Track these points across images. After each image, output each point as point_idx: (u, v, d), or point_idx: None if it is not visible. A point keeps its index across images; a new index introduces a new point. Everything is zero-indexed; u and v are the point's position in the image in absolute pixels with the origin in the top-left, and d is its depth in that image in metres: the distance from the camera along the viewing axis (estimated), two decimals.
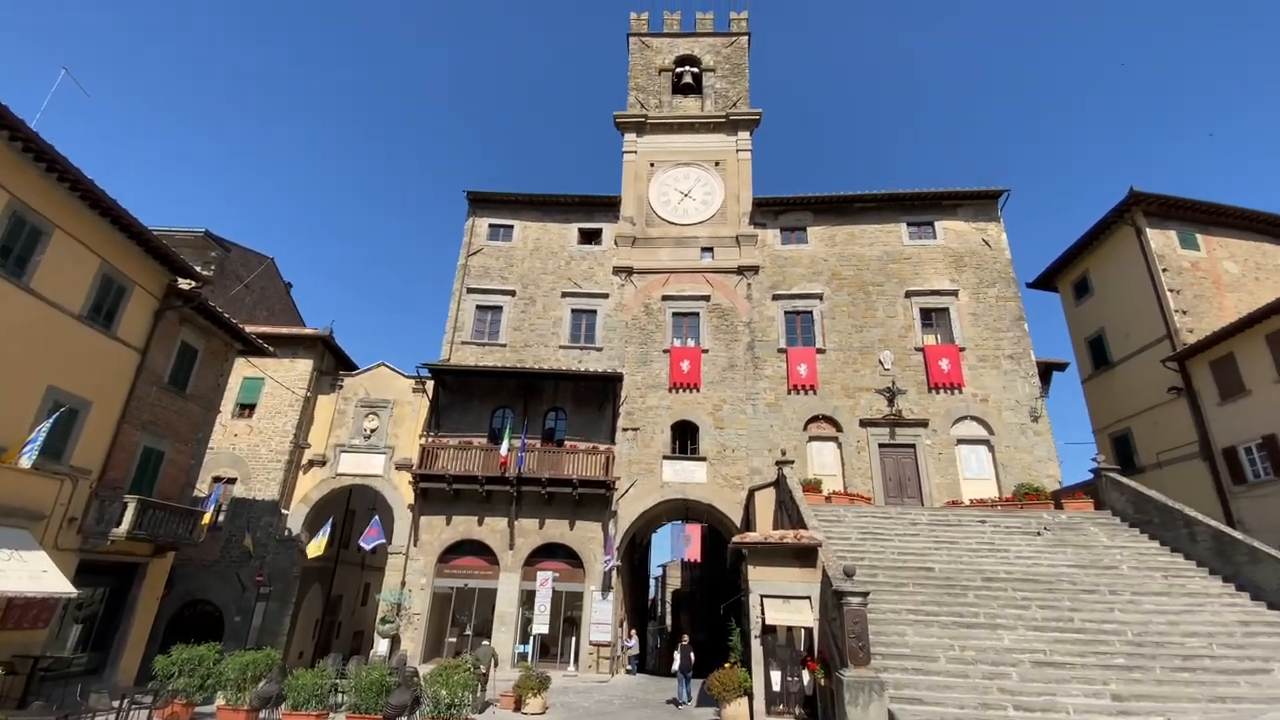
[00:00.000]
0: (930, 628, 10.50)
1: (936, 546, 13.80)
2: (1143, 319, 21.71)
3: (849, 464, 19.64)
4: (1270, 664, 9.34)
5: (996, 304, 20.90)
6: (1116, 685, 8.90)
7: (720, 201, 23.47)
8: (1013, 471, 18.70)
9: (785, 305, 21.85)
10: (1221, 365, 19.06)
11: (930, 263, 21.77)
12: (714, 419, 20.38)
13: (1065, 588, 11.72)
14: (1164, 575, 12.18)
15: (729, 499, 19.31)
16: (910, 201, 22.58)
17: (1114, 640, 10.09)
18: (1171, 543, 13.33)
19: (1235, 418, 18.65)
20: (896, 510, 16.49)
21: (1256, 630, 10.30)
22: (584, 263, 23.09)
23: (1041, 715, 8.30)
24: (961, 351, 20.28)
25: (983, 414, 19.55)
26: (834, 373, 20.71)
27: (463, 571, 19.06)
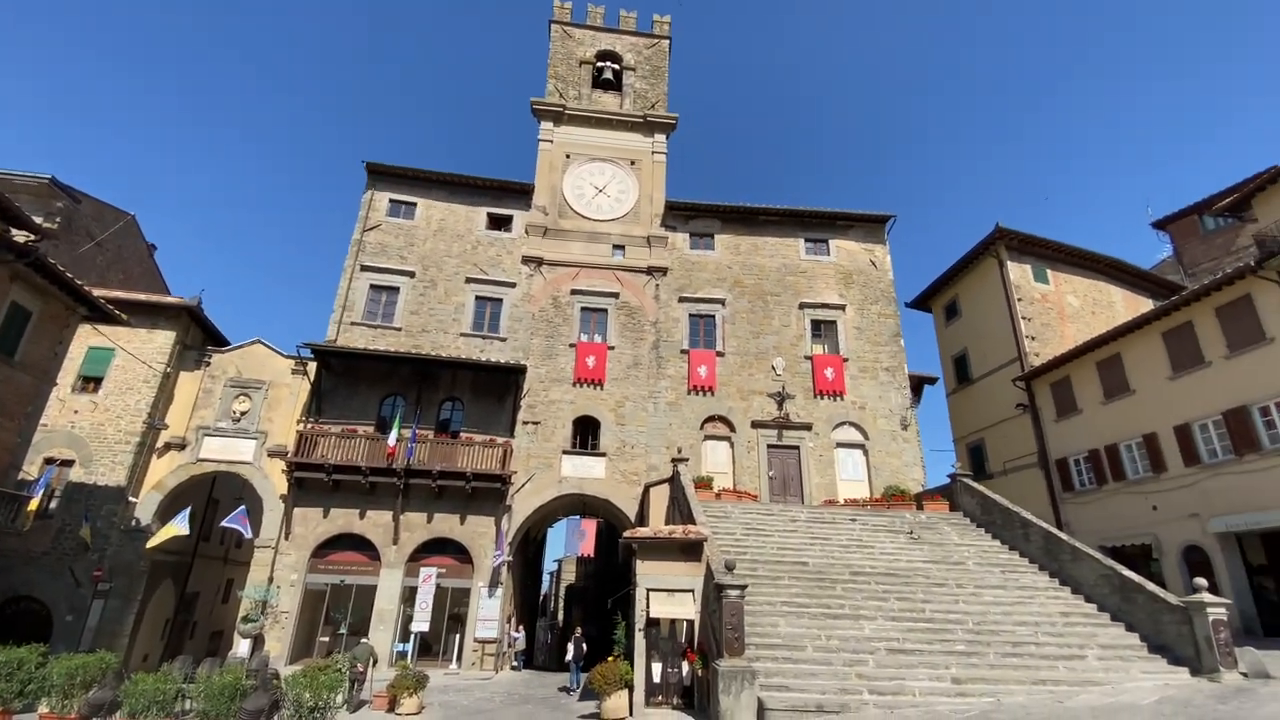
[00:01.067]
0: (801, 619, 11.19)
1: (812, 542, 14.73)
2: (999, 342, 24.38)
3: (739, 463, 20.50)
4: (1085, 650, 10.70)
5: (878, 320, 22.62)
6: (956, 669, 9.90)
7: (634, 201, 23.66)
8: (883, 474, 20.32)
9: (690, 308, 22.42)
10: (1059, 387, 21.79)
11: (823, 278, 23.17)
12: (616, 415, 20.53)
13: (920, 581, 12.90)
14: (1002, 571, 13.72)
15: (626, 495, 19.54)
16: (809, 219, 23.90)
17: (957, 629, 11.21)
18: (1010, 541, 15.04)
19: (1068, 433, 21.39)
20: (779, 508, 17.44)
21: (1075, 620, 11.80)
22: (491, 249, 22.45)
23: (892, 698, 9.08)
24: (845, 362, 21.76)
25: (860, 420, 21.10)
26: (731, 375, 21.52)
27: (340, 567, 17.94)
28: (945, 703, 9.01)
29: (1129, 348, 19.24)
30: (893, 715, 8.51)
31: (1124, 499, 18.91)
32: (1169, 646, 10.60)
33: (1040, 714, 8.25)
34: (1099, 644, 10.85)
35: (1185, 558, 17.00)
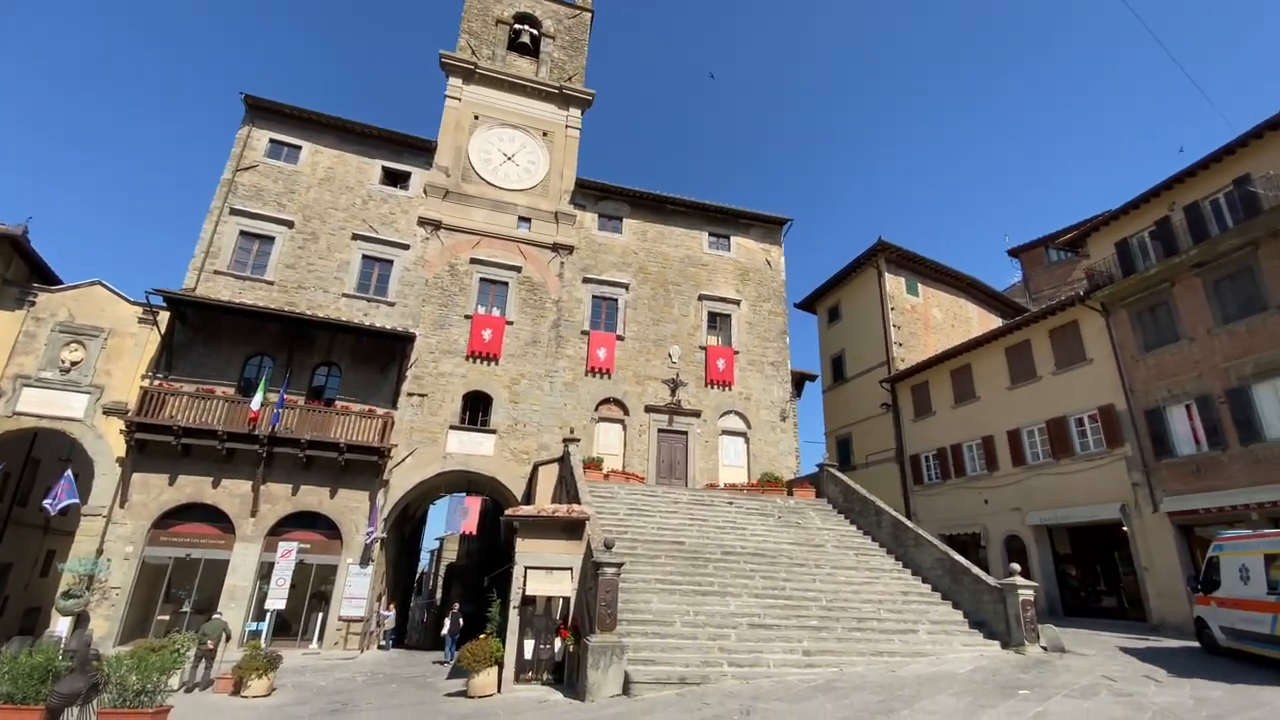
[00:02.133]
0: (673, 595, 11.65)
1: (691, 523, 15.36)
2: (872, 346, 26.52)
3: (630, 446, 20.88)
4: (918, 626, 11.98)
5: (769, 317, 23.81)
6: (808, 643, 10.76)
7: (544, 173, 23.11)
8: (761, 461, 21.53)
9: (594, 290, 22.36)
10: (919, 390, 24.08)
11: (722, 272, 23.98)
12: (510, 392, 20.13)
13: (784, 561, 13.85)
14: (856, 553, 15.03)
15: (514, 473, 19.27)
16: (714, 214, 24.57)
17: (812, 606, 12.17)
18: (865, 527, 16.51)
19: (922, 432, 23.72)
20: (663, 490, 17.99)
21: (912, 599, 13.18)
22: (385, 206, 21.05)
23: (749, 670, 9.71)
24: (736, 354, 22.74)
25: (745, 410, 22.18)
26: (629, 360, 21.78)
27: (187, 539, 16.29)
28: (796, 673, 9.77)
29: (978, 359, 21.62)
30: (748, 685, 9.12)
31: (963, 493, 21.35)
32: (987, 622, 12.14)
33: (875, 682, 9.18)
34: (930, 620, 12.21)
35: (1007, 546, 19.53)
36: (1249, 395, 13.88)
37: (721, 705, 7.95)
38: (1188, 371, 15.17)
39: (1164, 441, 15.56)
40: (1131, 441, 16.29)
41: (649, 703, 8.39)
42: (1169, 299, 15.86)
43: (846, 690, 8.61)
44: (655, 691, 8.86)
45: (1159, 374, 15.84)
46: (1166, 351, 15.73)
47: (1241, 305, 14.30)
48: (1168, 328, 15.84)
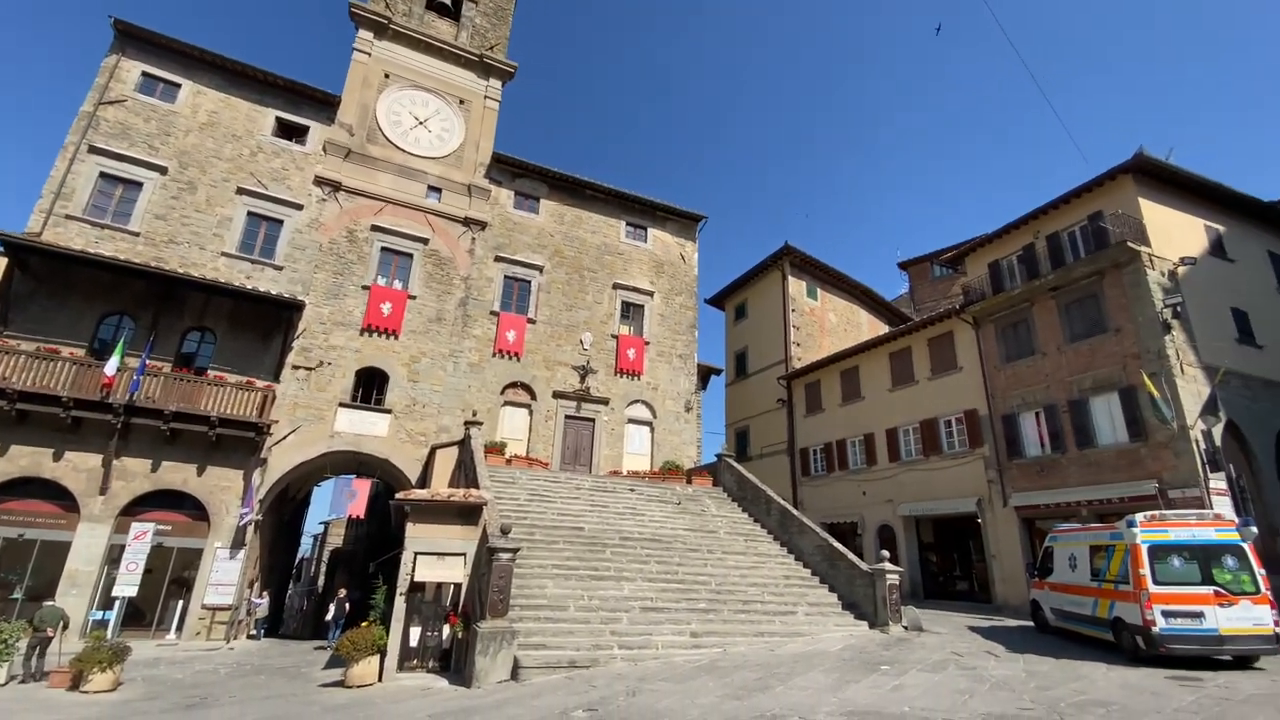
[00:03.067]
0: (569, 581, 11.70)
1: (592, 509, 15.46)
2: (772, 344, 27.81)
3: (536, 431, 20.64)
4: (796, 608, 12.76)
5: (680, 310, 24.30)
6: (696, 624, 11.19)
7: (459, 144, 22.14)
8: (664, 450, 22.04)
9: (507, 269, 21.78)
10: (812, 388, 25.55)
11: (638, 263, 24.16)
12: (409, 371, 19.23)
13: (679, 547, 14.28)
14: (745, 539, 15.77)
15: (409, 455, 18.48)
16: (633, 204, 24.64)
17: (702, 589, 12.64)
18: (756, 515, 17.34)
19: (813, 427, 25.20)
20: (566, 476, 17.97)
21: (794, 583, 14.02)
22: (277, 160, 19.33)
23: (638, 651, 9.96)
24: (647, 345, 23.04)
25: (652, 400, 22.57)
26: (540, 344, 21.47)
27: (19, 517, 14.29)
28: (683, 654, 10.14)
29: (866, 362, 23.26)
30: (636, 666, 9.35)
31: (844, 485, 22.97)
32: (858, 604, 13.13)
33: (756, 661, 9.71)
34: (808, 602, 13.06)
35: (880, 534, 21.25)
36: (1087, 406, 15.90)
37: (609, 687, 8.10)
38: (1039, 383, 17.12)
39: (1016, 444, 17.50)
40: (990, 443, 18.19)
41: (537, 687, 8.40)
42: (1029, 317, 17.79)
43: (729, 669, 9.05)
44: (544, 676, 8.89)
45: (1016, 383, 17.76)
46: (1023, 364, 17.66)
47: (1087, 327, 16.31)
48: (1026, 342, 17.77)
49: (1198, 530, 9.56)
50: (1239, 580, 9.01)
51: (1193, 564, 9.24)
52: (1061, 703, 6.78)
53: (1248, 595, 8.85)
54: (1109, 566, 10.18)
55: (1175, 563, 9.30)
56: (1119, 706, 6.59)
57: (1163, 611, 8.93)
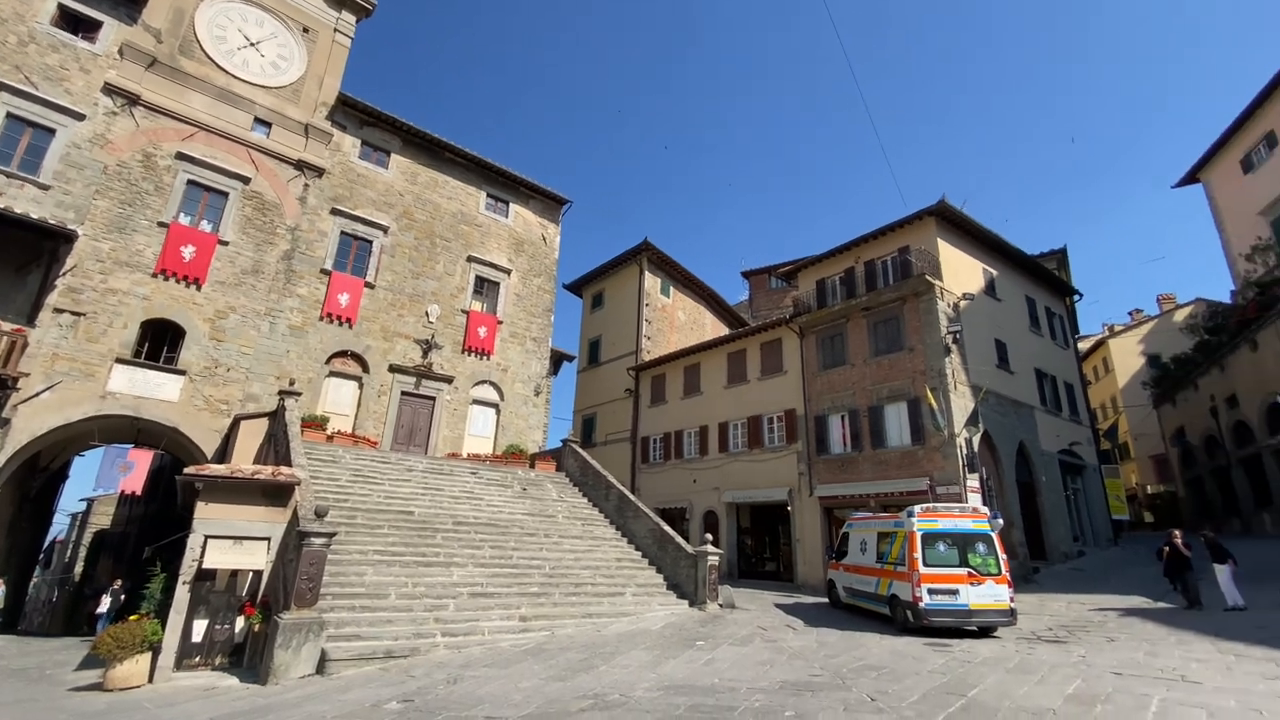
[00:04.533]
0: (393, 567, 10.99)
1: (424, 493, 14.66)
2: (625, 336, 28.48)
3: (366, 406, 19.04)
4: (625, 589, 13.21)
5: (537, 292, 23.85)
6: (526, 609, 11.12)
7: (298, 75, 19.56)
8: (509, 433, 21.56)
9: (345, 225, 19.72)
10: (657, 380, 26.58)
11: (496, 237, 23.26)
12: (213, 327, 16.66)
13: (516, 531, 14.09)
14: (583, 524, 16.00)
15: (206, 425, 16.05)
16: (496, 175, 23.62)
17: (536, 573, 12.61)
18: (595, 500, 17.66)
19: (655, 418, 26.24)
20: (397, 456, 16.84)
21: (625, 565, 14.50)
22: (56, 55, 15.61)
23: (463, 639, 9.65)
24: (500, 324, 22.30)
25: (500, 381, 21.92)
26: (378, 312, 19.80)
27: None
28: (510, 638, 10.02)
29: (707, 360, 24.72)
30: (460, 654, 9.06)
31: (678, 472, 24.27)
32: (681, 585, 13.94)
33: (582, 642, 9.89)
34: (637, 584, 13.61)
35: (705, 519, 22.77)
36: (882, 413, 18.35)
37: (428, 676, 7.76)
38: (847, 389, 19.43)
39: (824, 442, 19.72)
40: (803, 440, 20.29)
41: (345, 680, 7.79)
42: (844, 331, 20.08)
43: (555, 651, 9.12)
44: (356, 668, 8.26)
45: (828, 389, 19.98)
46: (836, 372, 19.92)
47: (889, 344, 18.79)
48: (840, 353, 20.04)
49: (959, 521, 11.50)
50: (987, 563, 11.00)
51: (954, 549, 11.11)
52: (844, 669, 7.78)
53: (992, 576, 10.85)
54: (891, 550, 11.88)
55: (941, 548, 11.11)
56: (888, 669, 7.73)
57: (928, 589, 10.64)
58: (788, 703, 6.14)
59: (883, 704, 6.06)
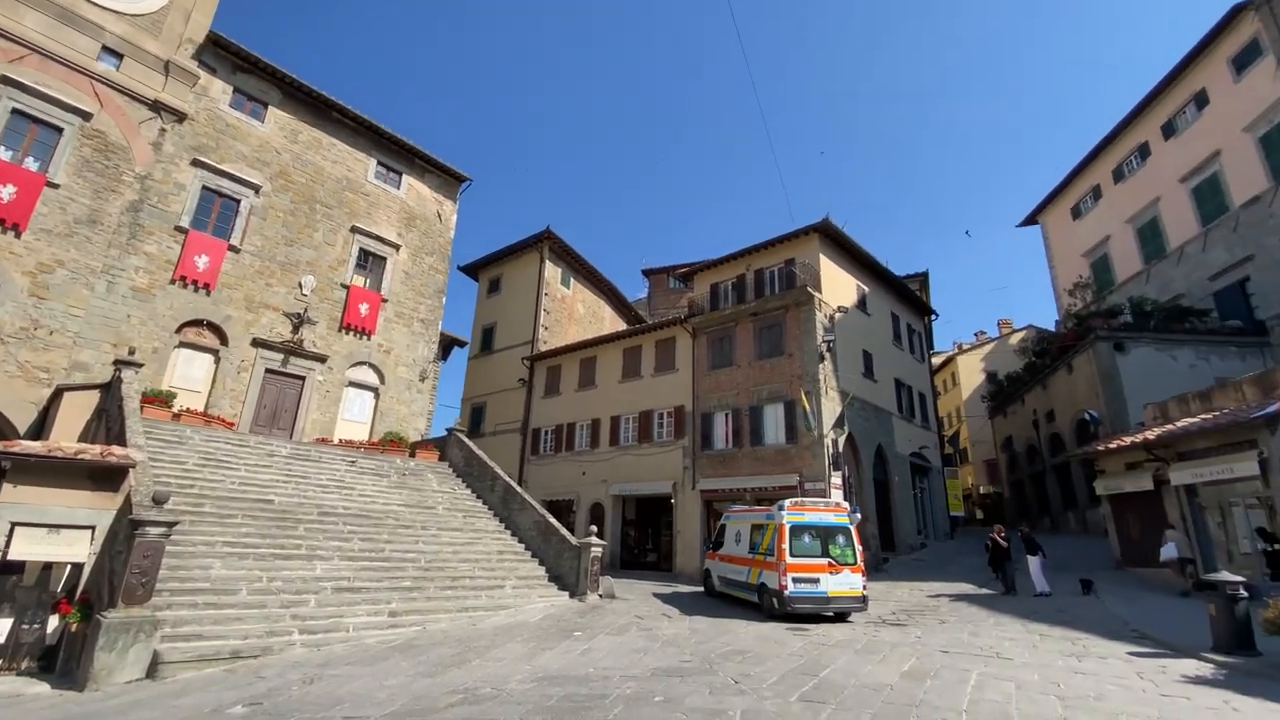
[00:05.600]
0: (245, 560, 10.06)
1: (287, 480, 13.54)
2: (522, 324, 27.96)
3: (223, 383, 17.22)
4: (505, 582, 12.97)
5: (429, 272, 22.73)
6: (397, 604, 10.62)
7: (161, 4, 17.20)
8: (389, 420, 20.41)
9: (209, 180, 17.66)
10: (553, 371, 26.36)
11: (386, 209, 21.86)
12: (34, 282, 14.30)
13: (390, 523, 13.39)
14: (465, 516, 15.52)
15: (19, 395, 13.77)
16: (389, 143, 22.18)
17: (410, 567, 12.07)
18: (479, 491, 17.19)
19: (548, 409, 26.00)
20: (257, 440, 15.40)
21: (507, 558, 14.23)
22: None
23: (324, 636, 9.04)
24: (384, 302, 21.01)
25: (381, 364, 20.67)
26: (243, 279, 17.94)
27: None
28: (377, 635, 9.53)
29: (604, 354, 24.88)
30: (319, 653, 8.48)
31: (569, 465, 24.25)
32: (563, 576, 13.94)
33: (456, 636, 9.62)
34: (518, 576, 13.43)
35: (592, 511, 22.95)
36: (761, 413, 19.43)
37: (281, 677, 7.20)
38: (732, 389, 20.36)
39: (708, 438, 20.55)
40: (690, 435, 21.02)
41: (182, 684, 7.04)
42: (732, 334, 21.01)
43: (425, 647, 8.80)
44: (196, 670, 7.49)
45: (715, 388, 20.84)
46: (723, 372, 20.81)
47: (771, 349, 19.91)
48: (727, 355, 20.96)
49: (823, 515, 12.46)
50: (845, 554, 12.00)
51: (817, 541, 12.02)
52: (713, 654, 8.18)
53: (849, 566, 11.85)
54: (762, 541, 12.63)
55: (806, 539, 11.98)
56: (753, 654, 8.23)
57: (793, 578, 11.44)
58: (658, 688, 6.37)
59: (745, 686, 6.46)
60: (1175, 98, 23.91)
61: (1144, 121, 25.41)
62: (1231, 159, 21.51)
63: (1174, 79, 23.62)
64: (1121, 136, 26.56)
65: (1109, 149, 27.30)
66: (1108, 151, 27.41)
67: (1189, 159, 23.20)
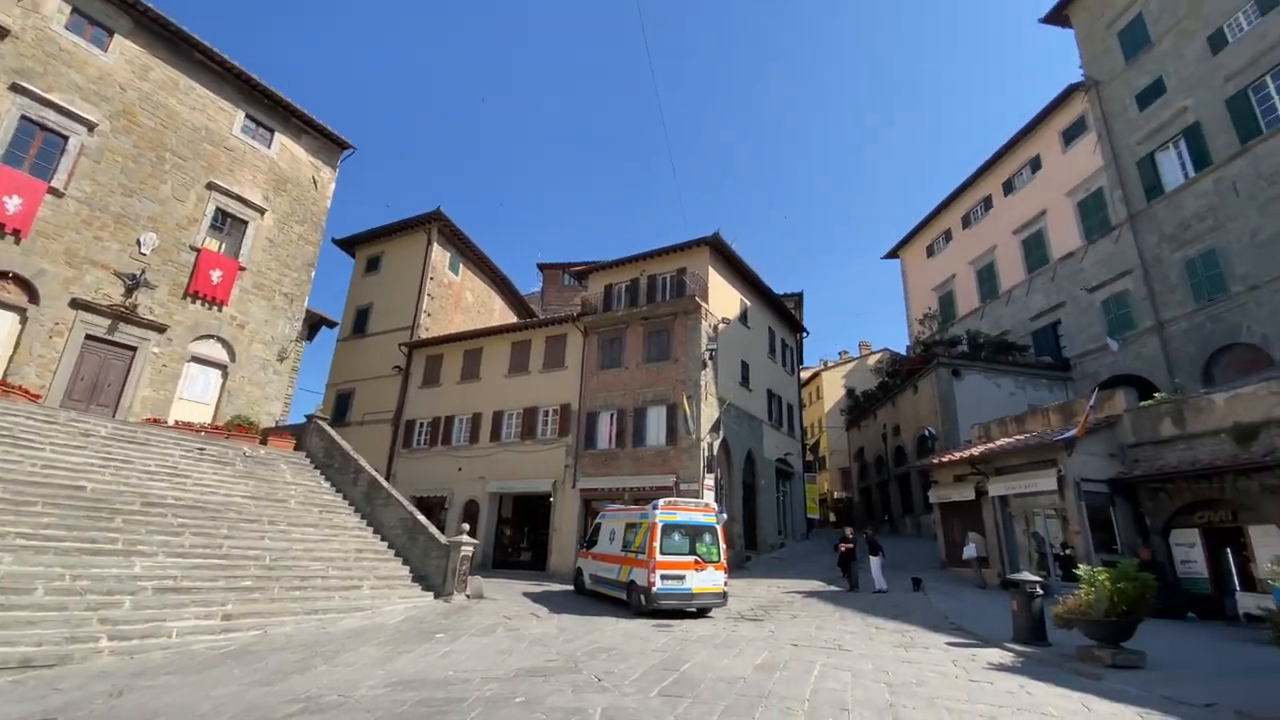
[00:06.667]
0: (44, 555, 8.61)
1: (105, 464, 11.78)
2: (402, 308, 26.42)
3: (29, 347, 14.65)
4: (363, 582, 12.15)
5: (297, 242, 20.76)
6: (233, 605, 9.58)
7: None
8: (238, 402, 18.40)
9: (30, 108, 14.95)
10: (433, 361, 25.17)
11: (252, 168, 19.71)
12: None
13: (231, 516, 12.07)
14: (321, 511, 14.36)
15: None
16: (262, 95, 20.02)
17: (251, 565, 10.95)
18: (340, 485, 15.97)
19: (425, 400, 24.77)
20: (69, 416, 13.24)
21: (366, 557, 13.31)
22: None
23: (140, 643, 7.96)
24: (242, 270, 18.91)
25: (233, 339, 18.58)
26: (65, 228, 15.38)
27: None
28: (207, 640, 8.56)
29: (491, 346, 24.15)
30: (132, 661, 7.46)
31: (444, 459, 23.24)
32: (429, 576, 13.32)
33: (302, 641, 8.87)
34: (377, 576, 12.64)
35: (466, 509, 22.16)
36: (645, 414, 19.84)
37: (83, 689, 6.24)
38: (619, 390, 20.61)
39: (592, 437, 20.64)
40: (574, 434, 20.98)
41: None
42: (623, 336, 21.29)
43: (265, 653, 8.04)
44: None
45: (602, 388, 20.99)
46: (611, 373, 21.01)
47: (659, 353, 20.39)
48: (617, 356, 21.19)
49: (694, 514, 12.94)
50: (710, 552, 12.53)
51: (686, 539, 12.46)
52: (579, 652, 8.21)
53: (713, 564, 12.39)
54: (635, 539, 12.88)
55: (676, 538, 12.37)
56: (618, 651, 8.36)
57: (661, 575, 11.77)
58: (520, 689, 6.28)
59: (608, 683, 6.55)
60: (1017, 159, 27.65)
61: (991, 176, 29.13)
62: (1055, 218, 25.25)
63: (1017, 142, 27.31)
64: (972, 187, 30.25)
65: (961, 197, 30.99)
66: (960, 199, 31.10)
67: (1022, 214, 26.94)
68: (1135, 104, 22.10)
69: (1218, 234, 19.07)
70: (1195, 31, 20.28)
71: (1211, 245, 19.25)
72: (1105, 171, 22.98)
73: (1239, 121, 18.69)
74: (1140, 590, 7.92)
